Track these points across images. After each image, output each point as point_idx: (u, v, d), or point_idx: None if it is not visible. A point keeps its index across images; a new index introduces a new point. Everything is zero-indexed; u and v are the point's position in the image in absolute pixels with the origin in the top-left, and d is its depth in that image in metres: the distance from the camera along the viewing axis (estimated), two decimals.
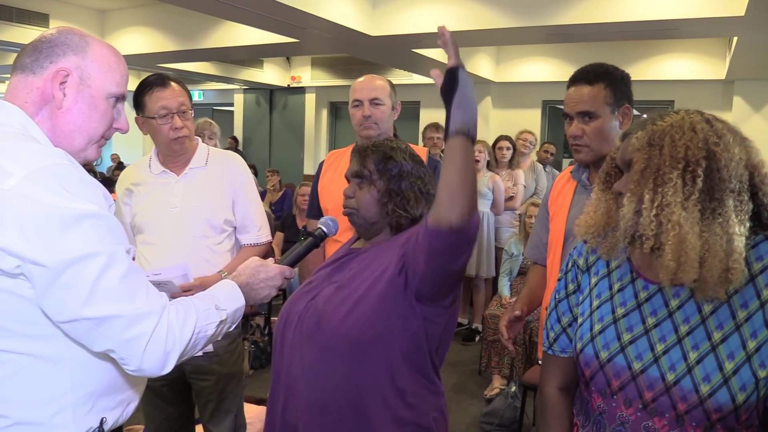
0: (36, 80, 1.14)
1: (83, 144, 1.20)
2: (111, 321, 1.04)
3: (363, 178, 1.57)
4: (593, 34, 6.30)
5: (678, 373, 1.09)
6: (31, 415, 1.09)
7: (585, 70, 1.81)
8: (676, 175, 1.08)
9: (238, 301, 1.31)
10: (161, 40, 7.85)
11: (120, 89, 1.22)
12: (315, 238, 1.59)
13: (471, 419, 3.65)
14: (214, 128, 4.12)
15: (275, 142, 11.96)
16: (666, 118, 1.14)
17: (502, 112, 9.48)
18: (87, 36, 1.20)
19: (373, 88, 2.29)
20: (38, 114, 1.15)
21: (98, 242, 1.04)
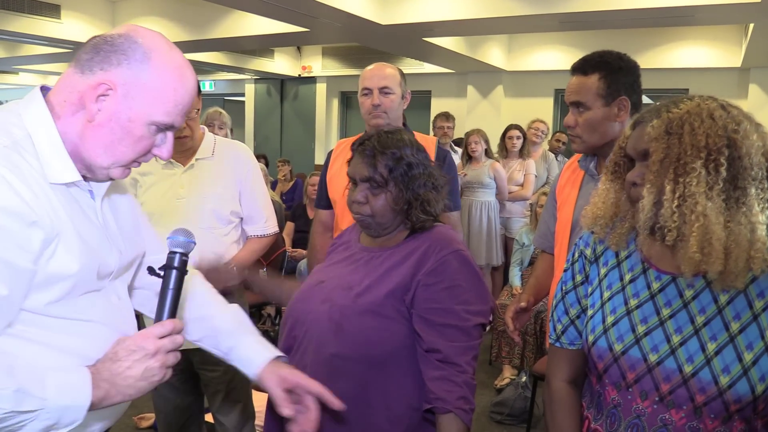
0: (81, 82, 1.04)
1: (107, 163, 1.08)
2: None
3: (375, 183, 1.49)
4: (607, 21, 6.22)
5: (696, 365, 1.07)
6: None
7: (584, 60, 1.79)
8: (699, 164, 1.04)
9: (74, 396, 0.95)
10: (172, 31, 7.83)
11: (168, 119, 1.08)
12: (177, 269, 1.13)
13: (481, 409, 3.64)
14: (224, 118, 4.10)
15: (286, 132, 11.95)
16: (681, 105, 1.10)
17: (514, 101, 9.40)
18: (154, 48, 1.06)
19: (383, 76, 2.25)
20: (73, 116, 1.05)
21: None
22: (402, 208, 1.49)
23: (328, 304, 1.45)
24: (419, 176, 1.49)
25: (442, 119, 5.52)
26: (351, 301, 1.43)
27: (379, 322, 1.41)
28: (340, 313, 1.42)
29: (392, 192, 1.48)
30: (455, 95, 10.02)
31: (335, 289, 1.49)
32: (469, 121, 9.30)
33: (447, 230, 1.54)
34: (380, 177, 1.48)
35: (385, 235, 1.55)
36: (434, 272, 1.42)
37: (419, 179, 1.49)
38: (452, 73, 9.86)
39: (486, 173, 4.99)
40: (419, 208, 1.48)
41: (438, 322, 1.39)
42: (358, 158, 1.53)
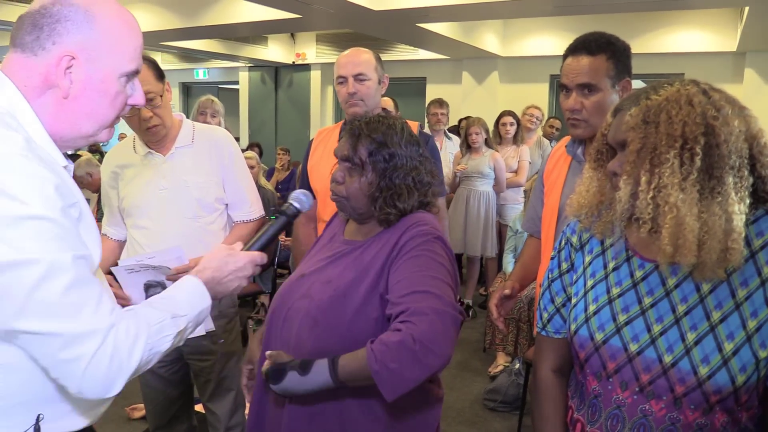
0: (37, 64, 1.02)
1: (92, 129, 1.10)
2: (46, 338, 0.94)
3: (353, 164, 1.46)
4: (601, 5, 6.18)
5: (675, 355, 1.06)
6: None
7: (586, 39, 1.71)
8: (672, 154, 1.02)
9: (202, 302, 1.19)
10: (164, 18, 7.76)
11: (133, 64, 1.10)
12: (287, 216, 1.46)
13: (474, 396, 3.65)
14: (217, 106, 4.06)
15: (281, 120, 11.89)
16: (660, 92, 1.08)
17: (510, 87, 9.35)
18: (91, 3, 1.05)
19: (357, 62, 2.19)
20: (39, 98, 1.04)
21: (39, 248, 0.93)
22: (374, 195, 1.44)
23: (307, 299, 1.42)
24: (400, 167, 1.44)
25: (436, 106, 5.48)
26: (328, 296, 1.40)
27: (357, 316, 1.36)
28: (317, 308, 1.39)
29: (368, 177, 1.44)
30: (450, 81, 9.96)
31: (315, 283, 1.45)
32: (464, 108, 9.25)
33: (424, 214, 1.48)
34: (359, 159, 1.44)
35: (363, 222, 1.51)
36: (401, 249, 1.37)
37: (399, 170, 1.44)
38: (447, 59, 9.80)
39: (486, 163, 4.96)
40: (387, 198, 1.43)
41: (398, 294, 1.29)
42: (344, 137, 1.50)
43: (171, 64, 12.43)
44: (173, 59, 12.37)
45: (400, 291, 1.29)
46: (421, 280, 1.29)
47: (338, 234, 1.60)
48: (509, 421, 3.37)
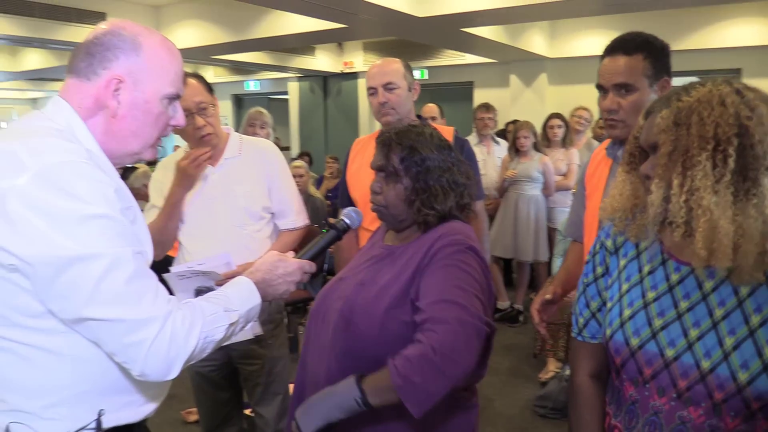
0: (90, 87, 1.15)
1: (138, 148, 1.22)
2: (113, 324, 1.03)
3: (388, 174, 1.51)
4: (652, 2, 6.00)
5: (713, 360, 1.03)
6: (27, 403, 1.10)
7: (623, 39, 1.69)
8: (705, 156, 1.00)
9: (252, 300, 1.28)
10: (214, 33, 7.99)
11: (174, 88, 1.22)
12: (337, 230, 1.55)
13: (524, 402, 3.61)
14: (265, 117, 4.15)
15: (330, 129, 12.03)
16: (692, 93, 1.06)
17: (558, 89, 9.19)
18: (138, 34, 1.18)
19: (385, 72, 2.24)
20: (92, 118, 1.16)
21: (103, 243, 1.03)
22: (411, 199, 1.48)
23: (343, 300, 1.47)
24: (433, 170, 1.48)
25: (483, 110, 5.45)
26: (362, 298, 1.44)
27: (388, 319, 1.38)
28: (350, 309, 1.44)
29: (403, 183, 1.49)
30: (498, 85, 9.88)
31: (351, 285, 1.50)
32: (513, 111, 9.16)
33: (458, 224, 1.50)
34: (392, 167, 1.49)
35: (402, 228, 1.55)
36: (433, 257, 1.39)
37: (432, 173, 1.48)
38: (494, 63, 9.73)
39: (535, 167, 4.91)
40: (425, 200, 1.47)
41: (425, 302, 1.32)
42: (376, 149, 1.56)
43: (222, 77, 12.77)
44: (224, 72, 12.70)
45: (427, 299, 1.32)
46: (448, 290, 1.31)
47: (379, 240, 1.65)
48: (560, 429, 3.31)
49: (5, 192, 1.00)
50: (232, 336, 1.23)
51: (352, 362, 1.39)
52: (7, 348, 1.08)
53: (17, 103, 18.65)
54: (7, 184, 1.00)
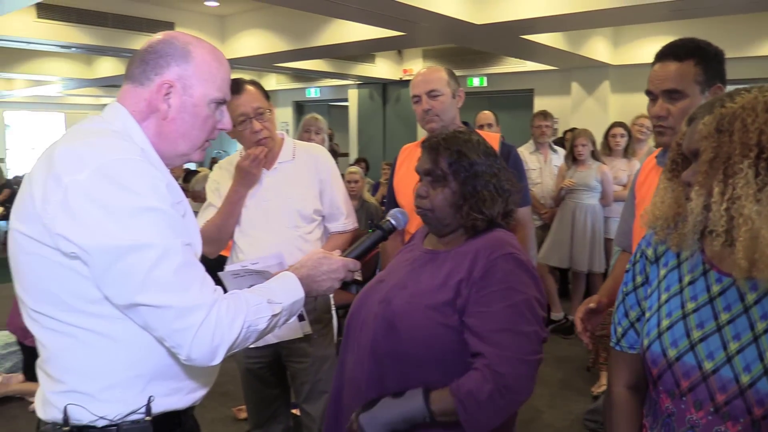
0: (143, 92, 1.23)
1: (186, 149, 1.29)
2: (162, 310, 1.09)
3: (435, 178, 1.52)
4: (720, 7, 5.78)
5: (754, 375, 1.01)
6: (83, 385, 1.16)
7: (674, 45, 1.66)
8: (747, 164, 0.98)
9: (296, 294, 1.32)
10: (277, 41, 8.20)
11: (221, 93, 1.28)
12: (383, 231, 1.58)
13: (575, 416, 3.54)
14: (320, 123, 4.24)
15: (389, 135, 12.11)
16: (737, 99, 1.04)
17: (622, 97, 8.97)
18: (189, 43, 1.26)
19: (428, 80, 2.28)
20: (145, 121, 1.24)
21: (155, 235, 1.09)
22: (459, 204, 1.49)
23: (384, 303, 1.49)
24: (481, 174, 1.49)
25: (540, 118, 5.39)
26: (405, 301, 1.45)
27: (430, 323, 1.40)
28: (392, 312, 1.45)
29: (451, 188, 1.50)
30: (559, 93, 9.72)
31: (392, 288, 1.52)
32: (573, 119, 8.99)
33: (502, 234, 1.52)
34: (440, 171, 1.50)
35: (446, 233, 1.55)
36: (485, 275, 1.40)
37: (481, 177, 1.49)
38: (555, 70, 9.58)
39: (593, 176, 4.82)
40: (473, 205, 1.48)
41: (483, 329, 1.36)
42: (423, 153, 1.57)
43: (284, 84, 13.07)
44: (286, 79, 12.99)
45: (489, 325, 1.35)
46: (509, 318, 1.36)
47: (418, 244, 1.67)
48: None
49: (68, 186, 1.08)
50: (275, 327, 1.28)
51: (393, 364, 1.42)
52: (67, 332, 1.15)
53: (90, 108, 19.57)
54: (69, 179, 1.08)
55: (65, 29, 7.44)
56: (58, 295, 1.14)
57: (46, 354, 1.20)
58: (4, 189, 9.80)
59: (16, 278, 1.20)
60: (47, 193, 1.09)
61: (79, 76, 11.32)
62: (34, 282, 1.16)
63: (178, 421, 1.26)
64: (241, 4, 8.01)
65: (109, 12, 7.61)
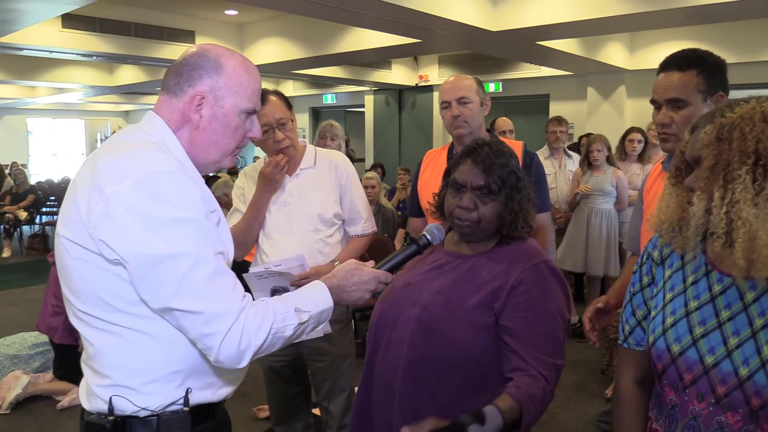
0: (178, 103, 1.30)
1: (218, 157, 1.35)
2: (193, 315, 1.16)
3: (488, 191, 1.55)
4: (736, 12, 5.79)
5: (752, 368, 1.07)
6: (127, 380, 1.24)
7: (677, 56, 1.73)
8: (744, 171, 1.05)
9: (324, 303, 1.36)
10: (295, 49, 8.34)
11: (251, 104, 1.34)
12: (418, 246, 1.59)
13: (589, 418, 3.58)
14: (336, 130, 4.32)
15: (405, 141, 12.21)
16: (736, 109, 1.11)
17: (638, 102, 8.98)
18: (222, 55, 1.31)
19: (458, 87, 2.35)
20: (179, 130, 1.31)
21: (189, 244, 1.15)
22: (506, 217, 1.56)
23: (418, 307, 1.53)
24: (524, 188, 1.58)
25: (555, 124, 5.43)
26: (441, 306, 1.50)
27: (467, 328, 1.46)
28: (430, 316, 1.50)
29: (501, 201, 1.56)
30: (575, 98, 9.76)
31: (424, 292, 1.56)
32: (589, 125, 9.02)
33: (533, 243, 1.61)
34: (495, 185, 1.55)
35: (479, 241, 1.61)
36: (522, 282, 1.48)
37: (524, 192, 1.58)
38: (571, 75, 9.62)
39: (608, 181, 4.86)
40: (522, 219, 1.56)
41: (524, 333, 1.43)
42: (471, 165, 1.58)
43: (301, 91, 13.22)
44: (303, 86, 13.14)
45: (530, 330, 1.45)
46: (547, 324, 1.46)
47: (437, 247, 1.70)
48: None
49: (110, 196, 1.16)
50: (302, 334, 1.33)
51: (430, 366, 1.48)
52: (112, 331, 1.24)
53: (111, 115, 19.93)
54: (111, 190, 1.16)
55: (89, 38, 7.64)
56: (102, 297, 1.22)
57: (92, 351, 1.28)
58: (28, 194, 9.97)
59: (63, 280, 1.30)
60: (91, 202, 1.17)
61: (100, 83, 11.56)
62: (80, 284, 1.24)
63: (212, 413, 1.35)
64: (259, 13, 8.15)
65: (131, 21, 7.80)
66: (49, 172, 17.04)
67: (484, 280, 1.51)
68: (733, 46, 7.57)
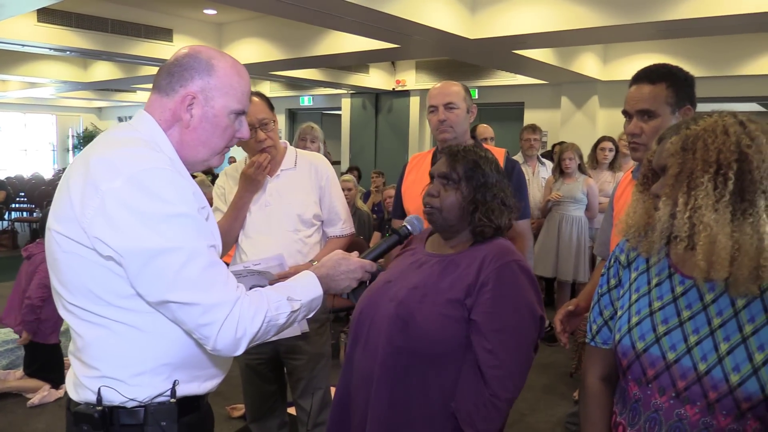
0: (169, 102, 1.33)
1: (207, 156, 1.39)
2: (190, 307, 1.20)
3: (449, 180, 1.66)
4: (709, 28, 5.96)
5: (709, 363, 1.14)
6: (116, 371, 1.27)
7: (648, 70, 1.82)
8: (707, 179, 1.13)
9: (314, 292, 1.41)
10: (273, 50, 8.35)
11: (240, 105, 1.38)
12: (399, 236, 1.71)
13: (557, 419, 3.66)
14: (316, 132, 4.34)
15: (380, 145, 12.27)
16: (700, 122, 1.19)
17: (610, 112, 9.19)
18: (213, 57, 1.35)
19: (446, 93, 2.41)
20: (170, 129, 1.34)
21: (183, 238, 1.19)
22: (468, 209, 1.63)
23: (396, 302, 1.59)
24: (491, 187, 1.65)
25: (529, 131, 5.54)
26: (417, 301, 1.57)
27: (442, 321, 1.54)
28: (406, 310, 1.57)
29: (463, 192, 1.64)
30: (549, 106, 9.93)
31: (402, 289, 1.63)
32: (563, 133, 9.19)
33: (506, 242, 1.67)
34: (455, 175, 1.65)
35: (450, 235, 1.69)
36: (491, 279, 1.54)
37: (490, 189, 1.65)
38: (545, 84, 9.79)
39: (579, 189, 4.98)
40: (483, 212, 1.63)
41: (492, 327, 1.50)
42: (442, 159, 1.72)
43: (278, 92, 13.20)
44: (280, 87, 13.13)
45: (493, 325, 1.51)
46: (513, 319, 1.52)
47: (419, 248, 1.79)
48: None
49: (105, 193, 1.19)
50: (294, 322, 1.38)
51: (407, 358, 1.54)
52: (101, 324, 1.27)
53: (84, 111, 19.64)
54: (106, 186, 1.19)
55: (64, 33, 7.54)
56: (93, 290, 1.25)
57: (81, 343, 1.30)
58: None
59: (53, 273, 1.32)
60: (85, 198, 1.20)
61: (73, 79, 11.40)
62: (70, 278, 1.27)
63: (197, 405, 1.38)
64: (238, 13, 8.15)
65: (108, 17, 7.72)
66: (19, 167, 16.72)
67: (458, 277, 1.59)
68: (702, 61, 7.80)
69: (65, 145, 19.57)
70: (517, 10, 6.16)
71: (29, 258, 3.93)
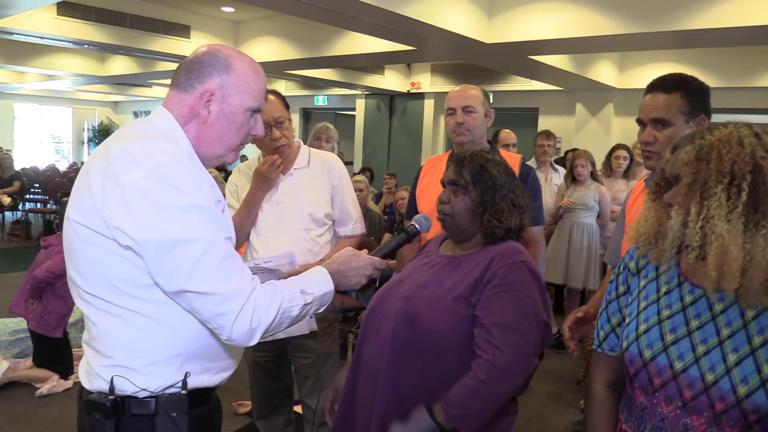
0: (187, 98, 1.36)
1: (222, 151, 1.41)
2: (207, 296, 1.22)
3: (458, 186, 1.70)
4: (727, 38, 5.92)
5: (717, 374, 1.14)
6: (129, 361, 1.29)
7: (663, 79, 1.82)
8: (720, 189, 1.13)
9: (326, 286, 1.44)
10: (289, 49, 8.38)
11: (256, 103, 1.41)
12: (408, 234, 1.74)
13: (563, 427, 3.65)
14: (331, 132, 4.36)
15: (394, 146, 12.28)
16: (714, 132, 1.19)
17: (625, 120, 9.14)
18: (231, 55, 1.38)
19: (465, 96, 2.42)
20: (187, 125, 1.37)
21: (201, 230, 1.22)
22: (477, 212, 1.66)
23: (405, 299, 1.63)
24: (499, 188, 1.67)
25: (543, 137, 5.52)
26: (425, 298, 1.60)
27: (448, 318, 1.56)
28: (414, 307, 1.60)
29: (471, 196, 1.67)
30: (563, 113, 9.90)
31: (411, 287, 1.66)
32: (577, 140, 9.16)
33: (516, 245, 1.69)
34: (463, 180, 1.69)
35: (463, 239, 1.72)
36: (497, 276, 1.57)
37: (499, 191, 1.67)
38: (560, 91, 9.76)
39: (591, 196, 4.96)
40: (492, 214, 1.65)
41: (493, 321, 1.52)
42: (450, 166, 1.76)
43: (293, 91, 13.25)
44: (295, 87, 13.17)
45: (494, 319, 1.52)
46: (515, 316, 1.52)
47: (434, 250, 1.84)
48: None
49: (125, 184, 1.21)
50: (306, 315, 1.40)
51: (412, 354, 1.57)
52: (117, 313, 1.29)
53: (99, 105, 19.80)
54: (126, 178, 1.21)
55: (83, 27, 7.62)
56: (110, 280, 1.27)
57: (95, 332, 1.32)
58: (14, 180, 9.87)
59: (70, 263, 1.34)
60: (105, 188, 1.23)
61: (90, 72, 11.52)
62: (88, 267, 1.29)
63: (207, 397, 1.40)
64: (256, 12, 8.18)
65: (127, 12, 7.79)
66: (34, 158, 16.89)
67: (465, 276, 1.61)
68: (718, 71, 7.75)
69: (81, 137, 19.74)
70: (534, 15, 6.15)
71: (47, 248, 3.97)
